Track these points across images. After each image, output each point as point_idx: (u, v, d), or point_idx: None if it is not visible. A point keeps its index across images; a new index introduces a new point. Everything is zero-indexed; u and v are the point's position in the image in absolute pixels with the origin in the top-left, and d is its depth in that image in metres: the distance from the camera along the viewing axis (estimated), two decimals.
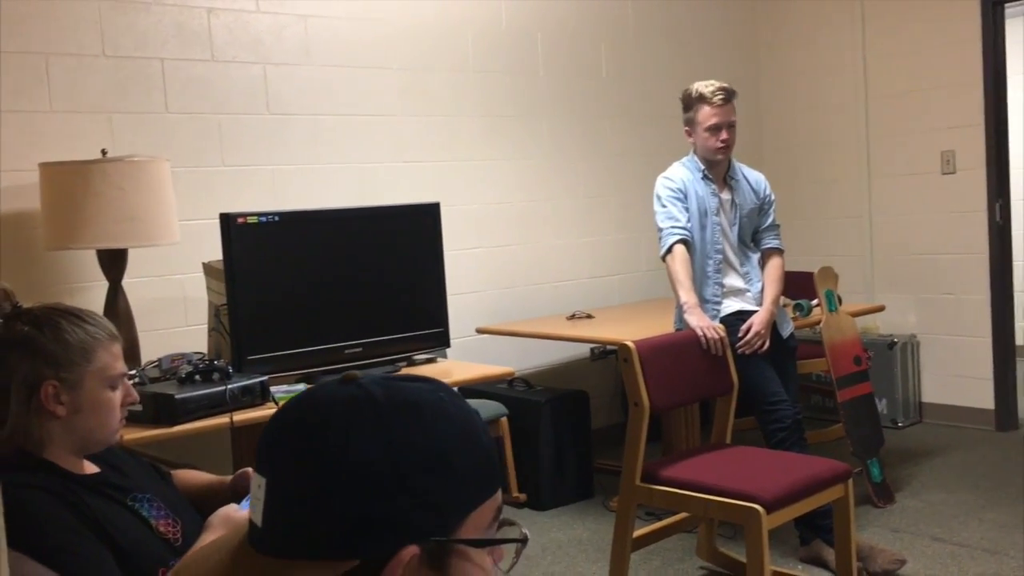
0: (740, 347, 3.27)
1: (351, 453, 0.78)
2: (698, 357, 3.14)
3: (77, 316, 1.72)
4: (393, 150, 4.38)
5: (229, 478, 1.92)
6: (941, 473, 4.27)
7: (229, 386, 2.62)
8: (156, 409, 2.53)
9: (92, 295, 3.45)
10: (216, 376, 2.70)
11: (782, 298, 4.02)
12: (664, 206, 3.43)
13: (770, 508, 2.64)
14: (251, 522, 0.83)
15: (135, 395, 1.74)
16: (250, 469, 0.85)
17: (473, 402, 4.12)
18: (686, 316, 3.25)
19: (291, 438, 0.81)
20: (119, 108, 3.65)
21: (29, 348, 1.64)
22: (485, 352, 4.52)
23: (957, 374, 5.04)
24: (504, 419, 4.08)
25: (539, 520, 3.97)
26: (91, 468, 1.73)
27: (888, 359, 5.07)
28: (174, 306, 3.74)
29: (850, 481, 2.92)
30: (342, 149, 4.22)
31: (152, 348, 3.47)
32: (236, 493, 1.82)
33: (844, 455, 3.89)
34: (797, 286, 4.16)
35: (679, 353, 3.09)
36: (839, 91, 5.39)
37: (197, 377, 2.69)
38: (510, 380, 4.40)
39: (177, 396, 2.51)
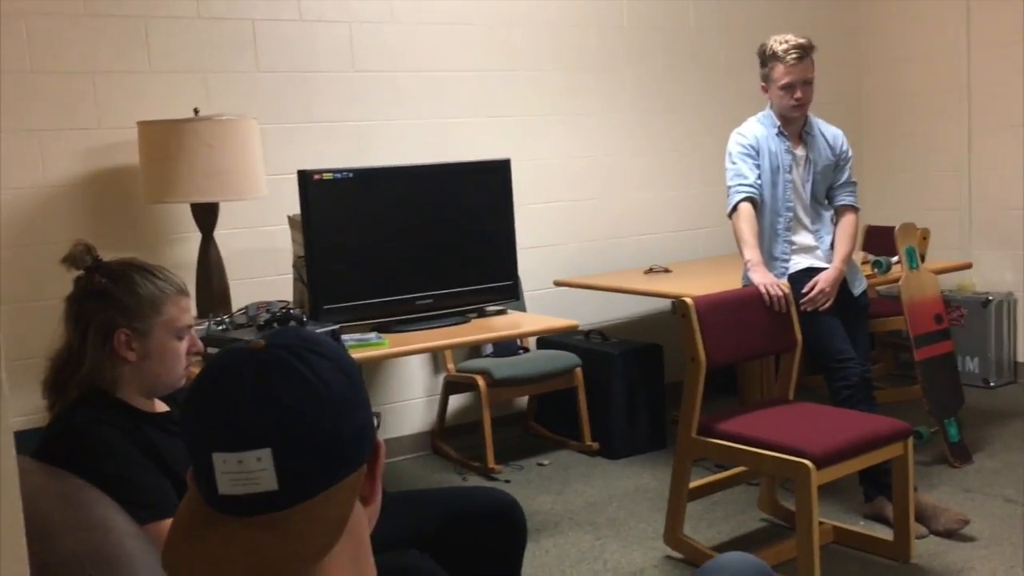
0: (803, 303, 3.27)
1: (331, 388, 0.90)
2: (761, 314, 3.17)
3: (149, 271, 1.89)
4: (476, 105, 4.47)
5: None
6: None
7: None
8: None
9: (188, 246, 3.69)
10: (293, 324, 2.88)
11: (861, 254, 3.98)
12: (734, 163, 3.43)
13: (820, 464, 2.68)
14: (243, 497, 0.87)
15: (200, 345, 1.92)
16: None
17: (548, 352, 4.27)
18: (750, 274, 3.28)
19: (279, 403, 0.88)
20: (213, 68, 3.85)
21: (105, 298, 1.82)
22: (564, 304, 4.61)
23: None
24: (578, 369, 4.19)
25: (610, 468, 4.08)
26: (161, 407, 1.92)
27: (982, 317, 4.94)
28: (264, 257, 3.95)
29: (910, 440, 2.92)
30: (425, 104, 4.34)
31: (244, 296, 3.69)
32: None
33: (924, 414, 3.87)
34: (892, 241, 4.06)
35: (741, 309, 3.12)
36: (941, 41, 5.19)
37: (275, 325, 2.87)
38: (587, 332, 4.50)
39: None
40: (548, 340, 4.44)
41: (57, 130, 3.56)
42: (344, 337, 3.00)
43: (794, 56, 3.37)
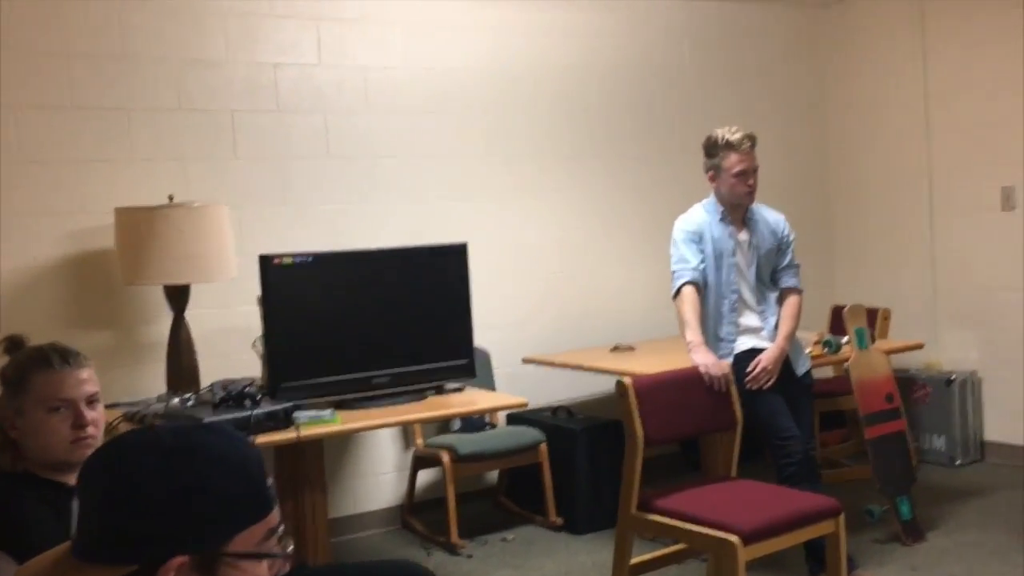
0: (747, 381, 3.40)
1: (132, 483, 1.04)
2: (701, 393, 3.29)
3: (38, 351, 1.98)
4: (449, 189, 4.67)
5: None
6: (983, 513, 4.23)
7: (254, 412, 2.94)
8: None
9: (161, 326, 3.85)
10: (247, 402, 3.02)
11: (812, 334, 4.11)
12: (678, 248, 3.60)
13: (747, 540, 2.77)
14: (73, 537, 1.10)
15: (86, 418, 1.92)
16: None
17: (513, 428, 4.37)
18: (692, 355, 3.41)
19: (95, 469, 1.09)
20: (192, 155, 4.07)
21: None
22: (534, 381, 4.74)
23: (1019, 413, 4.94)
24: (543, 445, 4.29)
25: (572, 544, 4.16)
26: None
27: (946, 396, 5.03)
28: (237, 335, 4.08)
29: (841, 517, 3.01)
30: (399, 189, 4.54)
31: (217, 373, 3.83)
32: None
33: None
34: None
35: (681, 389, 3.25)
36: (902, 127, 5.39)
37: (230, 403, 3.01)
38: (554, 408, 4.62)
39: (204, 420, 2.85)
40: (516, 416, 4.56)
41: (40, 215, 3.77)
42: (299, 414, 3.14)
43: (748, 145, 3.57)
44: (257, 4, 4.19)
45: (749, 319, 3.62)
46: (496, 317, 4.75)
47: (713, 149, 3.64)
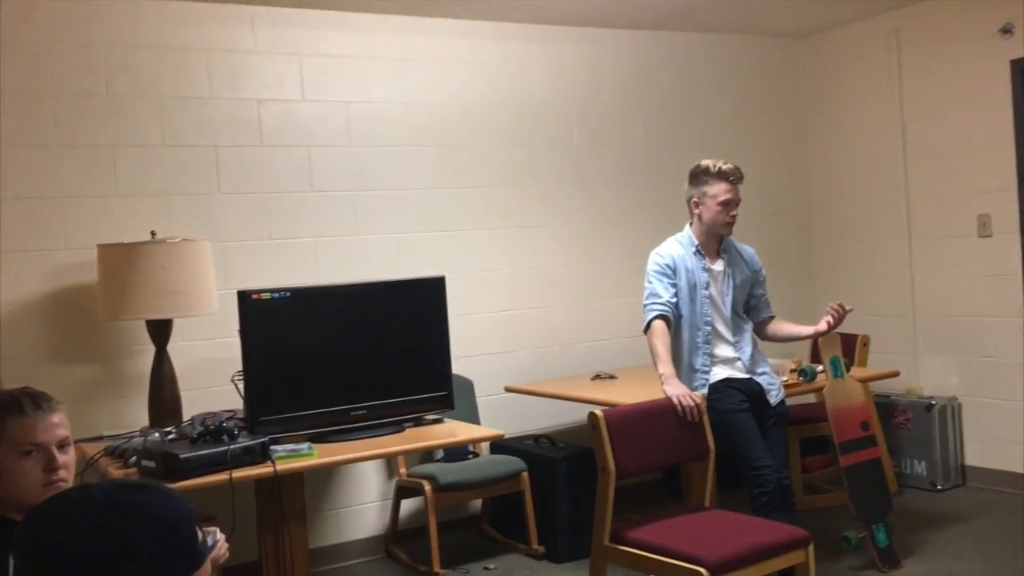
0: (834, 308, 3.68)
1: (62, 541, 1.08)
2: (673, 424, 3.33)
3: (11, 395, 2.00)
4: (431, 221, 4.73)
5: None
6: (961, 539, 4.26)
7: (231, 447, 2.98)
8: (166, 466, 2.91)
9: (143, 359, 3.91)
10: (225, 437, 3.07)
11: (790, 362, 4.16)
12: (650, 282, 3.65)
13: (715, 571, 2.81)
14: None
15: (58, 462, 1.96)
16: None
17: (495, 457, 4.41)
18: (663, 386, 3.45)
19: (29, 526, 1.13)
20: (177, 190, 4.13)
21: None
22: (518, 410, 4.80)
23: (999, 438, 4.99)
24: (524, 474, 4.33)
25: (553, 572, 4.19)
26: None
27: (926, 421, 5.07)
28: (221, 367, 4.13)
29: (810, 547, 3.05)
30: (381, 221, 4.60)
31: (201, 405, 3.89)
32: None
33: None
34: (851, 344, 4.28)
35: (653, 420, 3.29)
36: (880, 155, 5.46)
37: (207, 437, 3.06)
38: (536, 437, 4.66)
39: (182, 455, 2.89)
40: (499, 444, 4.60)
41: (26, 251, 3.83)
42: (276, 447, 3.18)
43: (737, 177, 3.63)
44: (240, 41, 4.27)
45: (723, 350, 3.67)
46: (480, 346, 4.81)
47: (703, 176, 3.68)
